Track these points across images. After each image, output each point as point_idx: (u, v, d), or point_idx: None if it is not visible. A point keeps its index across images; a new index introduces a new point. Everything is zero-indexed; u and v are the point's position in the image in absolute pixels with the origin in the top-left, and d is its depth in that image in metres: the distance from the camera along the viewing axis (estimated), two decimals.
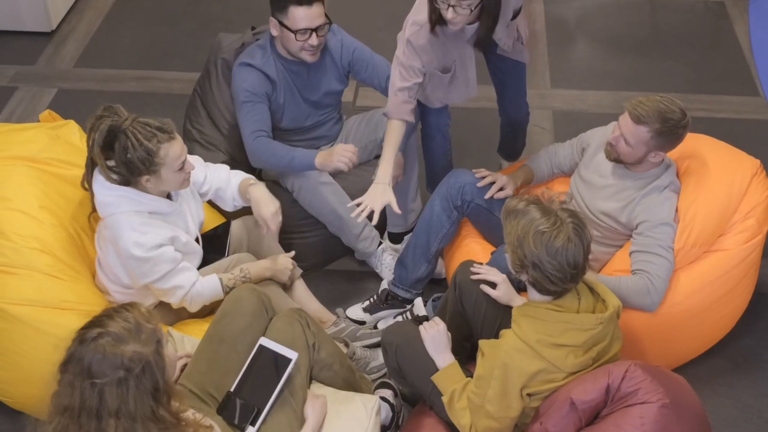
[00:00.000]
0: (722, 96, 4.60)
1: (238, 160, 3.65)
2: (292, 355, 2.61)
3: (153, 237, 2.80)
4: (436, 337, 2.71)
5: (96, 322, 2.13)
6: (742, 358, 3.33)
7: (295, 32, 3.23)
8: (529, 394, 2.49)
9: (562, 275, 2.39)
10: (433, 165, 3.65)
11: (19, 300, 2.88)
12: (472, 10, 2.93)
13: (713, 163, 3.19)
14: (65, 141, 3.30)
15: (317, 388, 2.78)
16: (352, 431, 2.65)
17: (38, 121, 3.55)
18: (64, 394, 2.11)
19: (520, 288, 2.82)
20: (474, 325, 2.86)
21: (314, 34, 3.25)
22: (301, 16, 3.20)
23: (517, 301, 2.75)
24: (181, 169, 2.81)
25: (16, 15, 4.92)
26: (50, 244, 2.99)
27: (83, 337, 2.10)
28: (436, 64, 3.21)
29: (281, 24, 3.25)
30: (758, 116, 4.46)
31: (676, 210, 3.03)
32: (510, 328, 2.53)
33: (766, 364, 3.30)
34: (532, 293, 2.53)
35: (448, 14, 2.94)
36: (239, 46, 3.76)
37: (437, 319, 2.76)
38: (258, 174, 3.63)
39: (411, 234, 3.41)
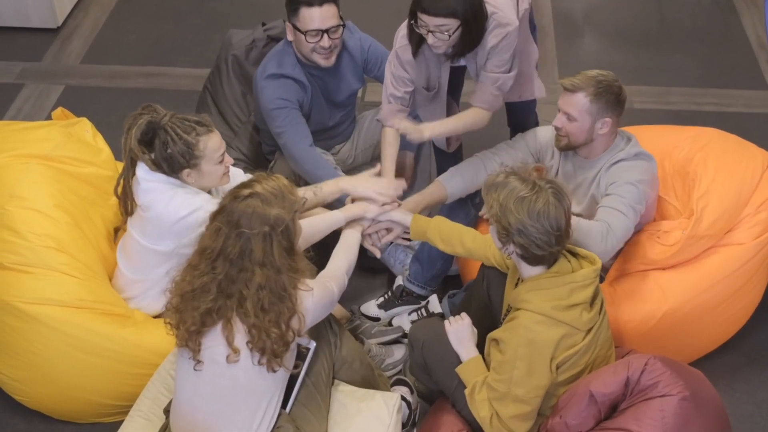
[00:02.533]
0: (732, 90, 4.60)
1: (249, 157, 3.65)
2: (310, 344, 2.67)
3: (198, 200, 2.79)
4: (460, 330, 2.73)
5: (247, 184, 2.45)
6: (757, 353, 3.33)
7: (305, 33, 3.18)
8: (557, 366, 2.52)
9: (547, 238, 2.45)
10: (444, 162, 3.64)
11: (36, 299, 2.87)
12: (450, 36, 2.95)
13: (724, 156, 3.19)
14: (78, 139, 3.29)
15: (338, 386, 2.78)
16: (373, 428, 2.66)
17: (47, 118, 3.55)
18: (207, 237, 2.42)
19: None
20: (499, 317, 2.86)
21: (325, 36, 3.19)
22: (311, 17, 3.15)
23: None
24: (221, 162, 2.84)
25: (22, 11, 4.90)
26: (65, 243, 2.98)
27: (236, 194, 2.42)
28: (422, 81, 3.24)
29: (294, 27, 3.21)
30: None
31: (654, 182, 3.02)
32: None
33: None
34: (524, 268, 2.57)
35: (429, 39, 2.98)
36: (250, 42, 3.75)
37: (464, 314, 2.77)
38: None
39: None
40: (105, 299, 2.96)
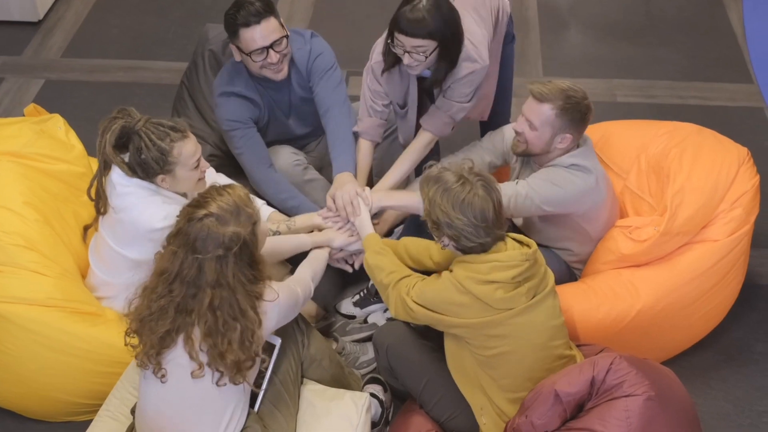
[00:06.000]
0: (716, 83, 4.57)
1: (226, 152, 3.62)
2: (276, 340, 2.66)
3: (175, 210, 2.71)
4: (364, 220, 2.98)
5: (202, 203, 2.42)
6: (734, 350, 3.31)
7: (249, 54, 3.11)
8: (462, 336, 2.58)
9: (474, 230, 2.48)
10: (422, 164, 3.61)
11: (4, 298, 2.85)
12: (427, 57, 2.95)
13: (700, 152, 3.17)
14: (50, 135, 3.27)
15: (307, 385, 2.76)
16: (341, 429, 2.65)
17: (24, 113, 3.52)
18: (166, 259, 2.40)
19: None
20: None
21: (271, 51, 3.11)
22: (252, 37, 3.07)
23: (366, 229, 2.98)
24: (196, 167, 2.80)
25: (2, 4, 4.87)
26: (35, 241, 2.96)
27: (191, 215, 2.39)
28: (397, 98, 3.24)
29: (238, 48, 3.15)
30: (752, 104, 4.42)
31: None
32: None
33: (759, 356, 3.29)
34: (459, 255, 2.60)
35: (405, 60, 2.97)
36: (226, 37, 3.71)
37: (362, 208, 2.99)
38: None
39: (401, 227, 3.38)
40: (75, 297, 2.94)
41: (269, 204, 3.23)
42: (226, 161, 3.54)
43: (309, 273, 2.79)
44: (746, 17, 3.44)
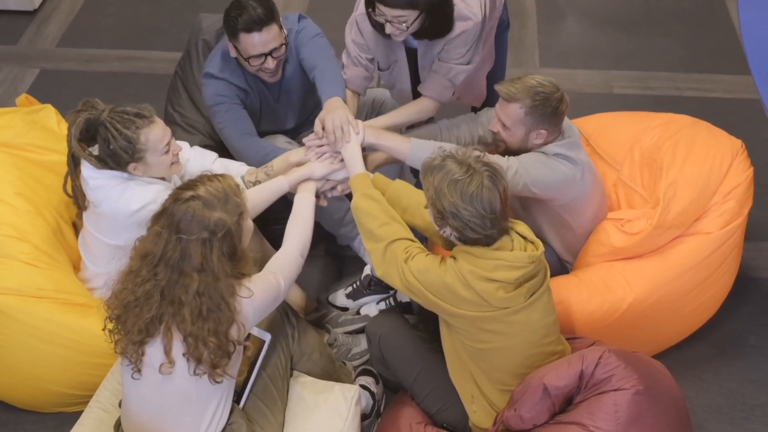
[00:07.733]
0: (713, 75, 4.54)
1: (218, 142, 3.60)
2: (265, 336, 2.64)
3: (150, 192, 2.73)
4: (353, 148, 2.87)
5: (191, 185, 2.40)
6: (727, 343, 3.30)
7: (247, 59, 3.08)
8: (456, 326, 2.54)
9: (481, 221, 2.43)
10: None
11: None
12: (408, 27, 2.91)
13: (693, 145, 3.15)
14: (42, 126, 3.26)
15: (297, 378, 2.76)
16: (331, 422, 2.65)
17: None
18: (149, 241, 2.37)
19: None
20: None
21: (269, 58, 3.08)
22: (252, 43, 3.02)
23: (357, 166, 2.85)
24: (167, 152, 2.77)
25: None
26: (27, 232, 2.96)
27: (178, 196, 2.37)
28: (379, 56, 3.19)
29: (236, 48, 3.10)
30: (749, 95, 4.40)
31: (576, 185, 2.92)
32: None
33: (752, 349, 3.28)
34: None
35: (387, 29, 2.94)
36: (220, 27, 3.69)
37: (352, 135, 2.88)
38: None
39: None
40: (66, 288, 2.93)
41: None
42: (218, 151, 3.51)
43: (297, 247, 2.65)
44: (741, 5, 3.41)
